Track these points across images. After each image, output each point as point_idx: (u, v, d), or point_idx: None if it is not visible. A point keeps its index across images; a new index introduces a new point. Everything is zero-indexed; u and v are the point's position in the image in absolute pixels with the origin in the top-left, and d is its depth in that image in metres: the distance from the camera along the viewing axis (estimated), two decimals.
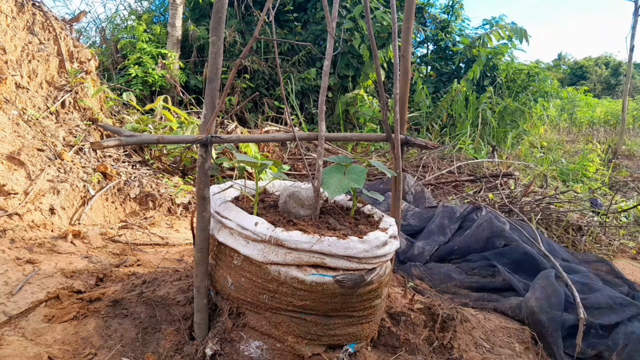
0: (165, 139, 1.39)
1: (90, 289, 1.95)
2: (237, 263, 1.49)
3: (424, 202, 3.89)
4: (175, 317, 1.69)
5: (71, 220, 2.90)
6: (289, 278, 1.41)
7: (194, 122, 4.33)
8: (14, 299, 1.81)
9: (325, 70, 1.61)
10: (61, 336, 1.61)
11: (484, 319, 2.14)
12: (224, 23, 1.37)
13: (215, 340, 1.50)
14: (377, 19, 6.88)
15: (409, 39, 1.93)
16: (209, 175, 1.44)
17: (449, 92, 7.42)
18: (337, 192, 1.51)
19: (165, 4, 8.25)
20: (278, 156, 5.05)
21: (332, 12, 1.61)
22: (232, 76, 1.36)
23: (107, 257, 2.45)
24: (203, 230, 1.48)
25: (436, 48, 8.53)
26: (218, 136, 1.41)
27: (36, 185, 2.79)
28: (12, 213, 2.54)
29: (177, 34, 6.67)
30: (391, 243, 1.57)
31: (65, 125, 3.62)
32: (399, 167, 1.90)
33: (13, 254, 2.18)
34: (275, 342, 1.48)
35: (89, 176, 3.22)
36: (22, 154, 2.91)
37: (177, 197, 3.51)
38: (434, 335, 1.83)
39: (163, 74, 6.11)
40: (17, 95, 3.34)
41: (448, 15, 8.44)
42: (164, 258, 2.51)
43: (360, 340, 1.59)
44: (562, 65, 28.38)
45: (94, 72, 4.29)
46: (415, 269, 2.69)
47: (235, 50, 7.00)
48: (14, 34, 3.46)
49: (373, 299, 1.55)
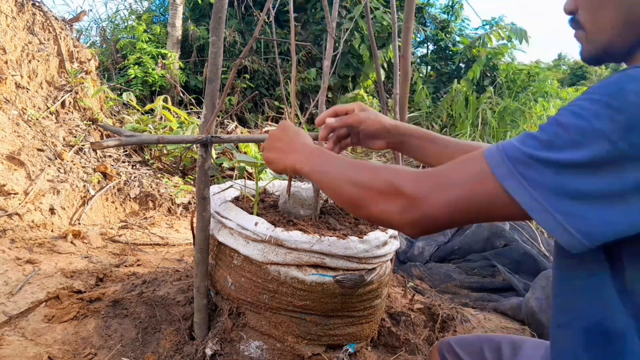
0: (165, 139, 1.38)
1: (90, 289, 1.95)
2: (237, 263, 1.49)
3: None
4: (175, 317, 1.69)
5: (71, 220, 2.90)
6: (289, 278, 1.41)
7: (194, 122, 4.33)
8: (14, 299, 1.81)
9: (325, 70, 1.61)
10: (61, 336, 1.61)
11: (484, 319, 2.14)
12: (224, 23, 1.37)
13: (215, 340, 1.50)
14: (377, 19, 6.88)
15: (409, 39, 1.93)
16: (209, 175, 1.44)
17: (449, 92, 7.41)
18: None
19: (165, 4, 8.25)
20: None
21: (332, 12, 1.61)
22: (232, 76, 1.36)
23: (107, 257, 2.45)
24: (203, 230, 1.48)
25: (436, 48, 8.53)
26: (218, 136, 1.41)
27: (36, 185, 2.79)
28: (12, 213, 2.54)
29: (177, 34, 6.67)
30: (391, 243, 1.57)
31: (65, 125, 3.62)
32: None
33: (13, 254, 2.18)
34: (275, 342, 1.48)
35: (89, 176, 3.22)
36: (22, 154, 2.91)
37: (177, 197, 3.51)
38: (434, 335, 1.83)
39: (163, 74, 6.11)
40: (17, 95, 3.34)
41: (448, 15, 8.44)
42: (164, 258, 2.51)
43: (360, 340, 1.59)
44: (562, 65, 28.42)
45: (94, 72, 4.29)
46: (415, 269, 2.69)
47: (235, 50, 7.00)
48: (14, 34, 3.46)
49: (373, 299, 1.55)
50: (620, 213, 0.51)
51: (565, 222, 0.53)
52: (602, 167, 0.51)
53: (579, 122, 0.52)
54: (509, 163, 0.56)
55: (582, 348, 0.63)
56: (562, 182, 0.53)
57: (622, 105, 0.50)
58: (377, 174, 0.69)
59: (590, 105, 0.52)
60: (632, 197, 0.50)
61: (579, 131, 0.52)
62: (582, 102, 0.54)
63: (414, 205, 0.63)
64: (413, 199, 0.63)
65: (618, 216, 0.51)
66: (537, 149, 0.55)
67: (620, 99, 0.50)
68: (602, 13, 0.65)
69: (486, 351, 0.95)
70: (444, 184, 0.62)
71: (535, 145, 0.55)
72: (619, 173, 0.50)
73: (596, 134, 0.51)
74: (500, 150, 0.58)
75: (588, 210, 0.52)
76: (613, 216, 0.51)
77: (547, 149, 0.54)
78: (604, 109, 0.51)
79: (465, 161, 0.63)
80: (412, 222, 0.64)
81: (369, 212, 0.69)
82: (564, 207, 0.53)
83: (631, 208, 0.51)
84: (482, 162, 0.59)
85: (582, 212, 0.52)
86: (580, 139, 0.52)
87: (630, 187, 0.50)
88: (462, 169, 0.62)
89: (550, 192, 0.53)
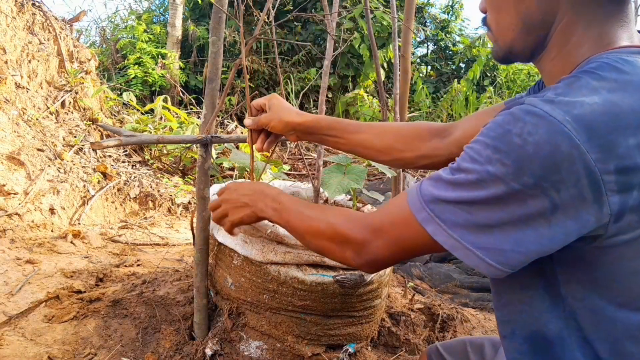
0: (165, 139, 1.38)
1: (90, 289, 1.95)
2: (236, 263, 1.49)
3: None
4: (175, 317, 1.69)
5: (71, 220, 2.90)
6: (289, 278, 1.41)
7: (194, 122, 4.33)
8: (14, 299, 1.81)
9: (325, 70, 1.61)
10: (61, 336, 1.61)
11: (484, 319, 2.14)
12: (224, 23, 1.37)
13: (215, 340, 1.50)
14: (377, 19, 6.88)
15: (409, 39, 1.93)
16: (209, 175, 1.44)
17: (449, 92, 7.42)
18: (337, 192, 1.51)
19: (165, 4, 8.25)
20: (278, 156, 5.05)
21: (332, 12, 1.61)
22: (232, 76, 1.36)
23: (107, 257, 2.45)
24: (203, 230, 1.48)
25: (436, 48, 8.53)
26: (218, 136, 1.41)
27: (36, 185, 2.79)
28: (12, 213, 2.54)
29: (177, 34, 6.67)
30: None
31: (65, 125, 3.62)
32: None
33: (13, 254, 2.18)
34: (275, 342, 1.48)
35: (88, 176, 3.22)
36: (22, 154, 2.91)
37: (177, 197, 3.51)
38: (434, 335, 1.83)
39: (163, 74, 6.11)
40: (17, 95, 3.34)
41: (448, 15, 8.44)
42: (164, 258, 2.51)
43: (360, 340, 1.59)
44: None
45: (94, 72, 4.29)
46: (415, 269, 2.69)
47: (235, 50, 7.00)
48: (14, 34, 3.46)
49: (373, 299, 1.55)
50: (532, 239, 0.55)
51: (485, 257, 0.57)
52: (506, 202, 0.54)
53: (476, 167, 0.56)
54: (427, 208, 0.60)
55: (528, 356, 0.66)
56: (474, 219, 0.57)
57: (509, 149, 0.53)
58: (328, 224, 0.75)
59: (483, 150, 0.56)
60: (538, 223, 0.54)
61: (476, 174, 0.56)
62: (478, 145, 0.57)
63: (362, 249, 0.70)
64: (358, 244, 0.70)
65: (531, 243, 0.55)
66: (447, 191, 0.59)
67: (506, 143, 0.53)
68: (502, 17, 0.68)
69: (470, 353, 0.99)
70: (378, 229, 0.68)
71: (444, 187, 0.60)
72: (522, 204, 0.54)
73: (491, 177, 0.54)
74: (420, 194, 0.62)
75: (503, 242, 0.56)
76: (526, 243, 0.55)
77: (455, 189, 0.58)
78: (494, 154, 0.54)
79: (393, 206, 0.68)
80: (366, 263, 0.71)
81: (334, 258, 0.77)
82: (480, 243, 0.57)
83: (541, 232, 0.54)
84: (405, 208, 0.63)
85: (497, 244, 0.56)
86: (480, 182, 0.55)
87: (535, 215, 0.54)
88: (390, 215, 0.67)
89: (466, 231, 0.57)
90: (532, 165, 0.52)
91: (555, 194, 0.52)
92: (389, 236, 0.66)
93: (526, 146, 0.52)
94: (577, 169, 0.50)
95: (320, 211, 0.79)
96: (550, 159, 0.51)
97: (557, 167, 0.51)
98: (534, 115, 0.53)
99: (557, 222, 0.53)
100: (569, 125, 0.51)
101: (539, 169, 0.52)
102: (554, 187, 0.52)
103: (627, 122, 0.51)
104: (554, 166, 0.51)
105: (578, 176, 0.51)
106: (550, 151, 0.51)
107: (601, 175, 0.51)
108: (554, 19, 0.64)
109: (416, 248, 0.65)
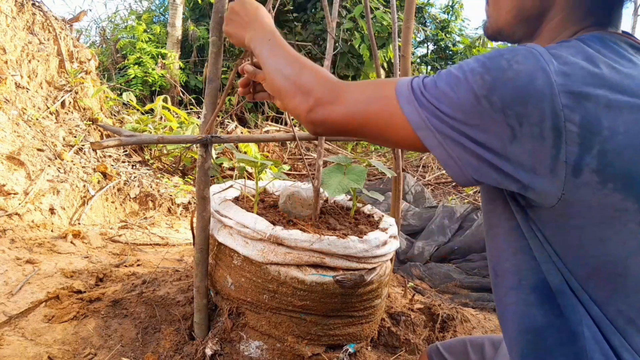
0: (165, 139, 1.38)
1: (90, 289, 1.95)
2: (237, 263, 1.49)
3: (424, 202, 3.89)
4: (175, 317, 1.69)
5: (71, 220, 2.90)
6: (289, 278, 1.41)
7: (194, 122, 4.33)
8: (14, 299, 1.81)
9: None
10: (61, 336, 1.61)
11: (484, 319, 2.14)
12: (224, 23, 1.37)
13: (215, 340, 1.50)
14: (377, 19, 6.88)
15: (409, 39, 1.93)
16: (209, 175, 1.44)
17: None
18: (337, 192, 1.51)
19: (165, 4, 8.25)
20: (278, 156, 5.05)
21: (332, 12, 1.61)
22: (232, 76, 1.36)
23: (107, 257, 2.45)
24: (203, 230, 1.48)
25: (436, 48, 8.53)
26: (218, 136, 1.41)
27: (36, 185, 2.79)
28: (12, 213, 2.54)
29: (177, 34, 6.67)
30: (391, 243, 1.57)
31: (65, 125, 3.62)
32: (399, 167, 1.90)
33: (13, 254, 2.18)
34: (275, 342, 1.48)
35: (88, 176, 3.22)
36: (22, 154, 2.91)
37: (177, 197, 3.51)
38: (434, 335, 1.83)
39: (163, 74, 6.11)
40: (17, 95, 3.34)
41: (448, 15, 8.45)
42: (164, 258, 2.51)
43: (360, 340, 1.59)
44: None
45: (94, 72, 4.29)
46: (415, 269, 2.69)
47: (236, 50, 7.00)
48: (14, 34, 3.46)
49: (373, 299, 1.55)
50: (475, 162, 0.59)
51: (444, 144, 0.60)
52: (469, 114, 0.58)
53: (457, 73, 0.60)
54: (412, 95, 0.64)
55: (536, 307, 0.66)
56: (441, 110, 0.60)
57: (492, 67, 0.57)
58: (302, 72, 0.75)
59: (473, 62, 0.60)
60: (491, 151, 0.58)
61: (455, 78, 0.60)
62: (472, 59, 0.61)
63: (319, 107, 0.71)
64: (319, 102, 0.71)
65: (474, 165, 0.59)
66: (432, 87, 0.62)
67: (494, 62, 0.57)
68: (501, 0, 0.72)
69: (471, 352, 1.00)
70: (352, 97, 0.69)
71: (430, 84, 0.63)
72: (482, 124, 0.57)
73: (466, 84, 0.58)
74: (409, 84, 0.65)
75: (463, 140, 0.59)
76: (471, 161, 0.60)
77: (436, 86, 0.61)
78: (480, 67, 0.58)
79: (380, 83, 0.70)
80: (313, 121, 0.72)
81: (286, 105, 0.77)
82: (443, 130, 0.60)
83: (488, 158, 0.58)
84: (391, 88, 0.66)
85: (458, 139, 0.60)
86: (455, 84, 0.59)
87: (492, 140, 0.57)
88: (374, 89, 0.68)
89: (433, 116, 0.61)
90: (504, 90, 0.55)
91: (517, 125, 0.55)
92: (358, 105, 0.68)
93: (508, 70, 0.56)
94: (544, 107, 0.54)
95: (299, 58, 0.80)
96: (523, 90, 0.54)
97: (526, 100, 0.54)
98: (528, 51, 0.57)
99: (513, 152, 0.56)
100: (552, 66, 0.55)
101: (509, 95, 0.55)
102: (517, 118, 0.55)
103: (603, 81, 0.55)
104: (522, 98, 0.54)
105: (543, 115, 0.54)
106: (526, 82, 0.54)
107: (565, 122, 0.53)
108: (547, 15, 0.68)
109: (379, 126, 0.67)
